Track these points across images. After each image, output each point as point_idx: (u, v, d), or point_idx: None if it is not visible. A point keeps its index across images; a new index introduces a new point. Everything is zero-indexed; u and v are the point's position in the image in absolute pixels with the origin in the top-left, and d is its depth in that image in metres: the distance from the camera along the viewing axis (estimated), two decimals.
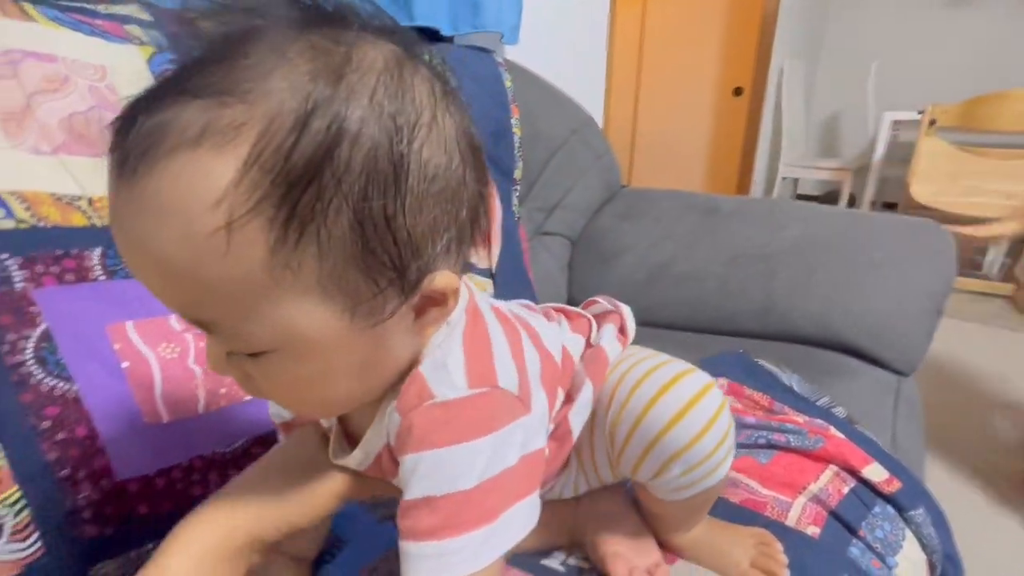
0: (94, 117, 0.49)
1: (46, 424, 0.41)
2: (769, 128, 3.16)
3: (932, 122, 1.95)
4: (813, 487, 0.48)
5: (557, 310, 0.43)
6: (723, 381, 0.62)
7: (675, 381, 0.33)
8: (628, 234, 0.99)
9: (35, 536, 0.40)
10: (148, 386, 0.47)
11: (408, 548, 0.26)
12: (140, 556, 0.44)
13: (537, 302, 0.90)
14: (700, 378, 0.33)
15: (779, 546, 0.41)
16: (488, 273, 0.83)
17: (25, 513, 0.40)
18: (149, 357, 0.47)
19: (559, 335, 0.38)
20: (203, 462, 0.49)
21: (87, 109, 0.49)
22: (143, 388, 0.47)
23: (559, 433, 0.36)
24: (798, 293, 0.77)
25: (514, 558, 0.43)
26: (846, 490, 0.49)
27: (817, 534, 0.44)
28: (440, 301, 0.26)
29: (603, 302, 0.46)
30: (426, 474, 0.26)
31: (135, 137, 0.21)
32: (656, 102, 3.73)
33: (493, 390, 0.28)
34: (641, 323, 0.93)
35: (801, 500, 0.47)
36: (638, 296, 0.92)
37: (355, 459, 0.32)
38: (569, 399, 0.36)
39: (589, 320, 0.43)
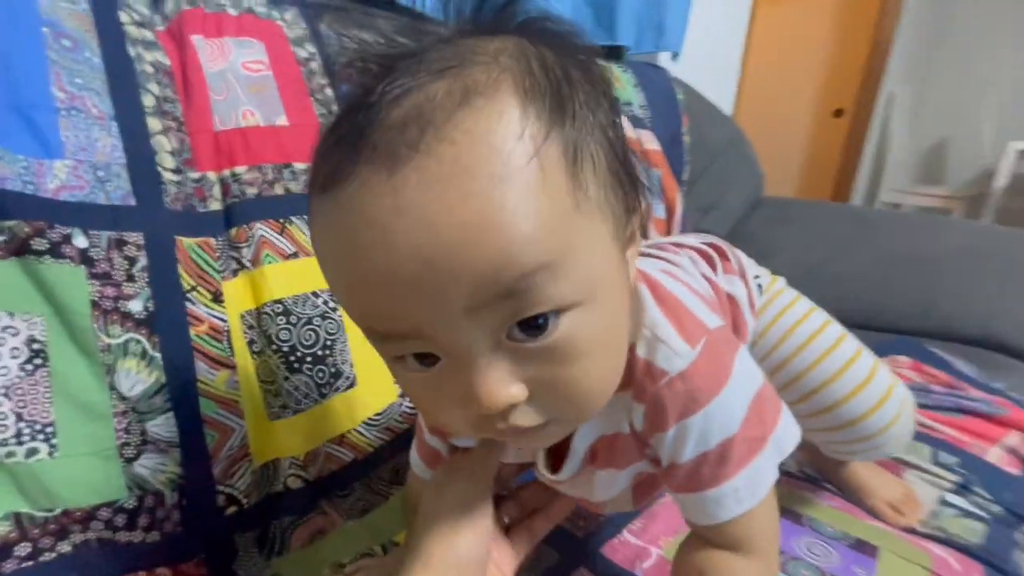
0: None
1: None
2: (872, 152, 3.12)
3: None
4: (1005, 440, 0.58)
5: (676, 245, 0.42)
6: (905, 359, 0.72)
7: (852, 363, 0.40)
8: (780, 237, 1.10)
9: None
10: None
11: (703, 496, 0.28)
12: None
13: None
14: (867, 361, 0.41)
15: (920, 507, 0.48)
16: None
17: None
18: None
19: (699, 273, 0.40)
20: None
21: None
22: None
23: None
24: (963, 296, 0.85)
25: None
26: None
27: (1017, 473, 0.54)
28: (633, 238, 0.26)
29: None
30: (695, 437, 0.27)
31: (390, 128, 0.19)
32: (752, 118, 3.75)
33: (709, 335, 0.28)
34: None
35: (997, 449, 0.57)
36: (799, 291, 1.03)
37: (568, 470, 0.32)
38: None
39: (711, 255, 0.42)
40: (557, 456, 0.32)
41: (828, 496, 0.50)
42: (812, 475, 0.53)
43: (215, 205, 0.46)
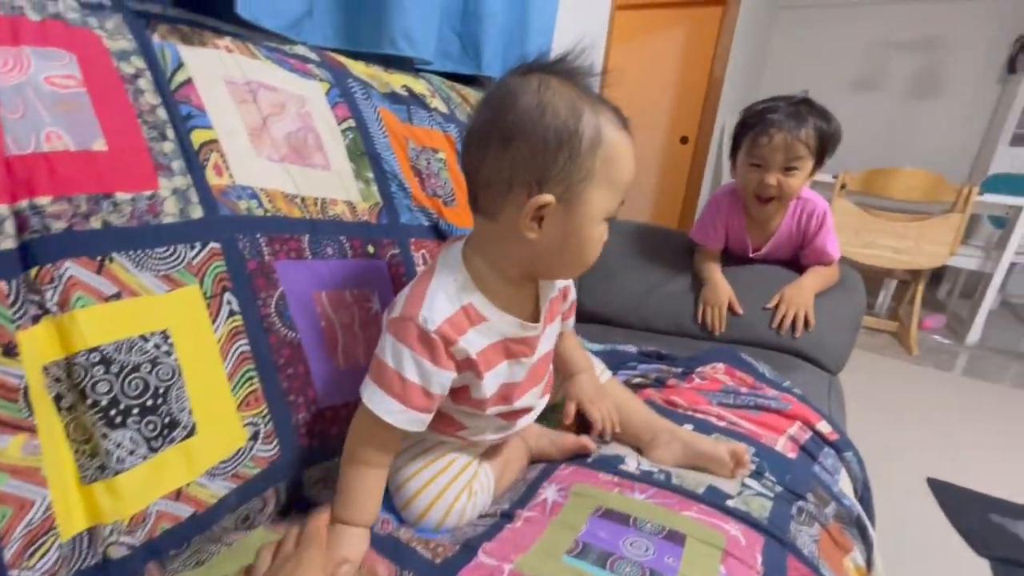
0: (301, 136, 0.64)
1: (282, 361, 0.56)
2: (711, 173, 3.61)
3: (843, 185, 2.39)
4: (789, 431, 0.72)
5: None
6: (721, 365, 0.85)
7: None
8: (628, 257, 1.23)
9: (275, 441, 0.54)
10: (335, 341, 0.62)
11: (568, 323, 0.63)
12: (333, 466, 0.59)
13: None
14: None
15: (747, 453, 0.62)
16: None
17: (270, 425, 0.54)
18: (335, 320, 0.63)
19: None
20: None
21: (297, 129, 0.64)
22: (332, 342, 0.62)
23: None
24: (759, 311, 1.03)
25: (594, 463, 0.63)
26: (807, 436, 0.73)
27: (794, 457, 0.67)
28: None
29: None
30: (573, 293, 0.65)
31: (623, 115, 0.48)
32: None
33: None
34: (642, 328, 1.15)
35: (782, 439, 0.70)
36: (640, 307, 1.16)
37: (543, 323, 0.56)
38: None
39: None
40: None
41: (654, 492, 0.58)
42: (647, 470, 0.62)
43: (7, 243, 0.40)
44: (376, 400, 0.47)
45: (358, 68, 0.80)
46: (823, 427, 0.75)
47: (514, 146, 0.44)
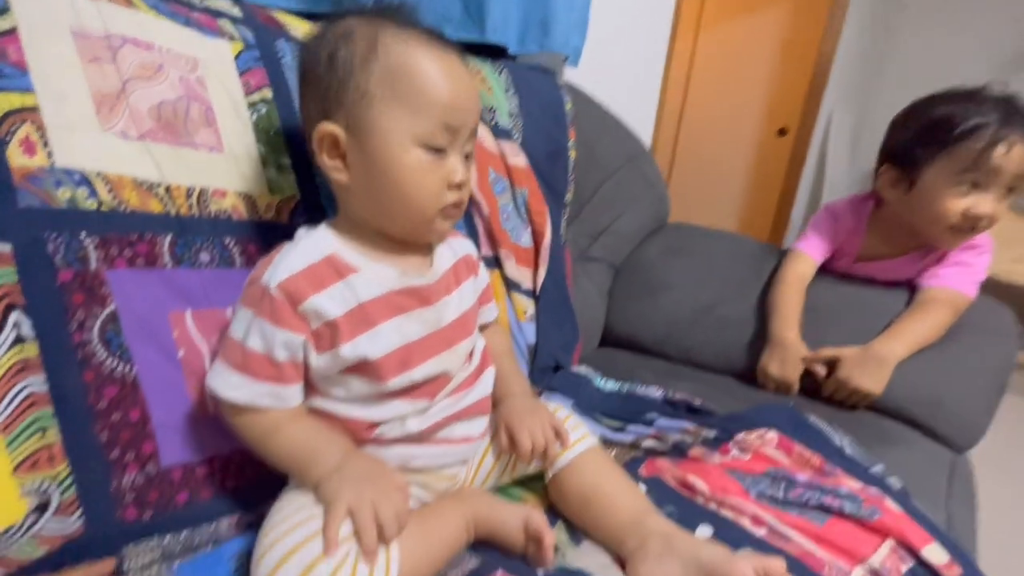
0: (181, 107, 0.50)
1: (103, 404, 0.42)
2: (812, 171, 3.12)
3: None
4: (873, 560, 0.45)
5: None
6: (772, 435, 0.59)
7: None
8: (676, 270, 0.97)
9: (78, 514, 0.40)
10: (200, 376, 0.47)
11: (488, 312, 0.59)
12: (171, 542, 0.43)
13: (577, 327, 0.88)
14: None
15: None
16: (531, 293, 0.82)
17: (71, 491, 0.40)
18: (203, 348, 0.48)
19: None
20: (242, 456, 0.49)
21: (176, 99, 0.50)
22: (195, 377, 0.47)
23: None
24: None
25: None
26: (904, 569, 0.46)
27: None
28: None
29: None
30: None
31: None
32: (698, 135, 3.74)
33: None
34: (681, 362, 0.90)
35: (860, 571, 0.44)
36: (680, 334, 0.90)
37: (437, 271, 0.49)
38: None
39: None
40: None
41: None
42: None
43: None
44: (214, 375, 0.42)
45: (303, 28, 0.65)
46: (934, 554, 0.47)
47: (303, 84, 0.43)
